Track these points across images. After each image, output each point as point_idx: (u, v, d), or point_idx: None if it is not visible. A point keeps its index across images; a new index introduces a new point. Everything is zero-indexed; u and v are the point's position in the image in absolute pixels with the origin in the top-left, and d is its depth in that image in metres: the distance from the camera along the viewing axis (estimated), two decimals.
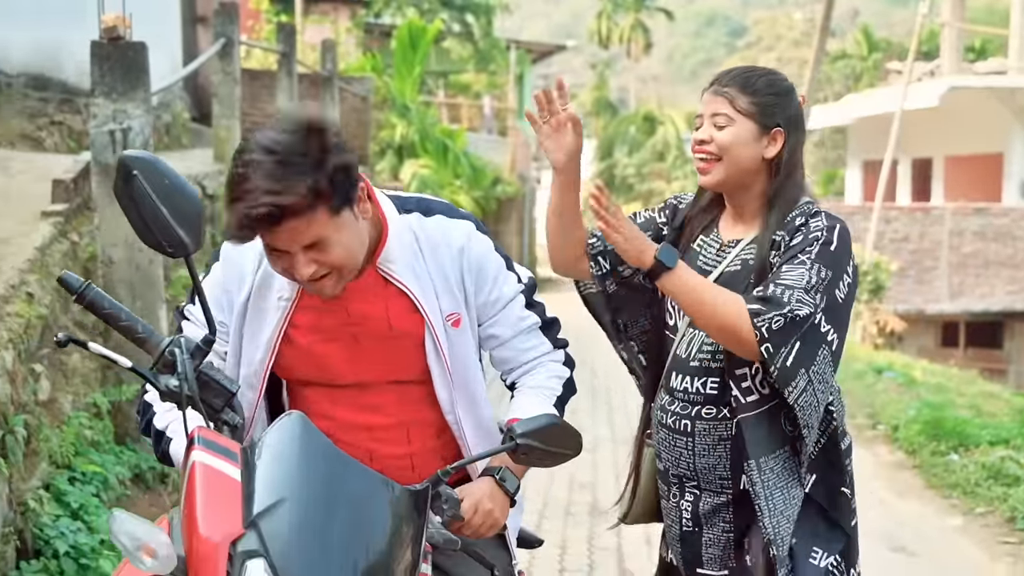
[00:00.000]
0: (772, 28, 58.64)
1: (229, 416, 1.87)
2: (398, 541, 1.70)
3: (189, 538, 1.62)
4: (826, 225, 2.35)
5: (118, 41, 4.84)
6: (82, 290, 1.87)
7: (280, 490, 1.63)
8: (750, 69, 2.49)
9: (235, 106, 7.72)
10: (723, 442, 2.45)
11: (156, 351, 1.85)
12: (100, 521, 3.77)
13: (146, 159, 1.80)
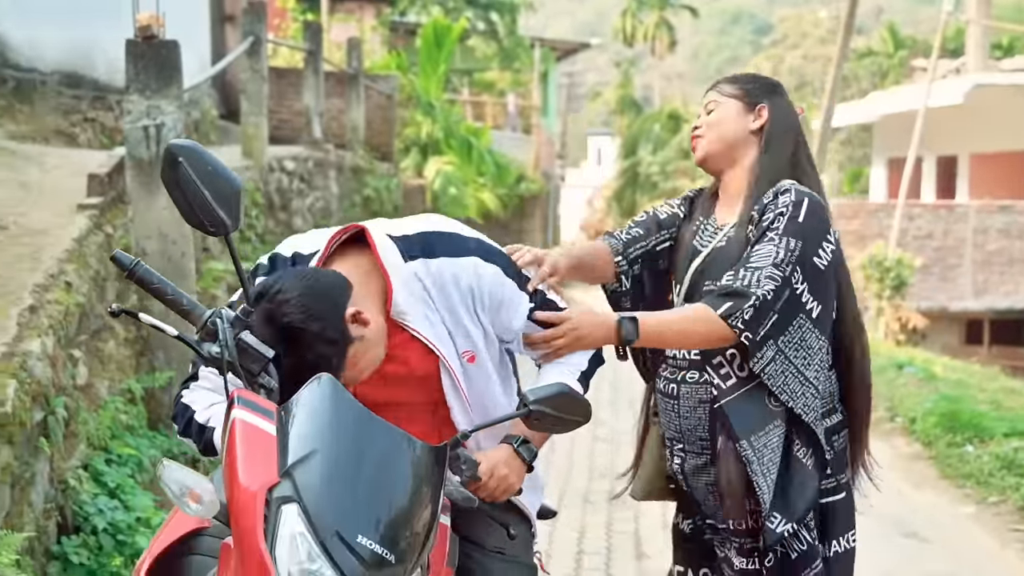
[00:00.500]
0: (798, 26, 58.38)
1: (265, 380, 2.03)
2: (418, 493, 1.85)
3: (230, 486, 1.78)
4: (793, 200, 2.51)
5: (152, 40, 5.00)
6: (132, 267, 2.05)
7: (312, 443, 1.79)
8: (740, 74, 2.80)
9: (263, 104, 7.88)
10: (703, 404, 2.64)
11: (199, 322, 2.03)
12: (135, 500, 3.93)
13: (190, 147, 1.99)
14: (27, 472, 3.39)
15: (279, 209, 8.29)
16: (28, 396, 3.44)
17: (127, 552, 3.67)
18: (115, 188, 5.58)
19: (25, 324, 3.73)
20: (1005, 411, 8.69)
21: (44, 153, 6.76)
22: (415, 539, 1.83)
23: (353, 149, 11.54)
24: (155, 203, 4.99)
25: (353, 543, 1.72)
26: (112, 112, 8.58)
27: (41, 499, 3.50)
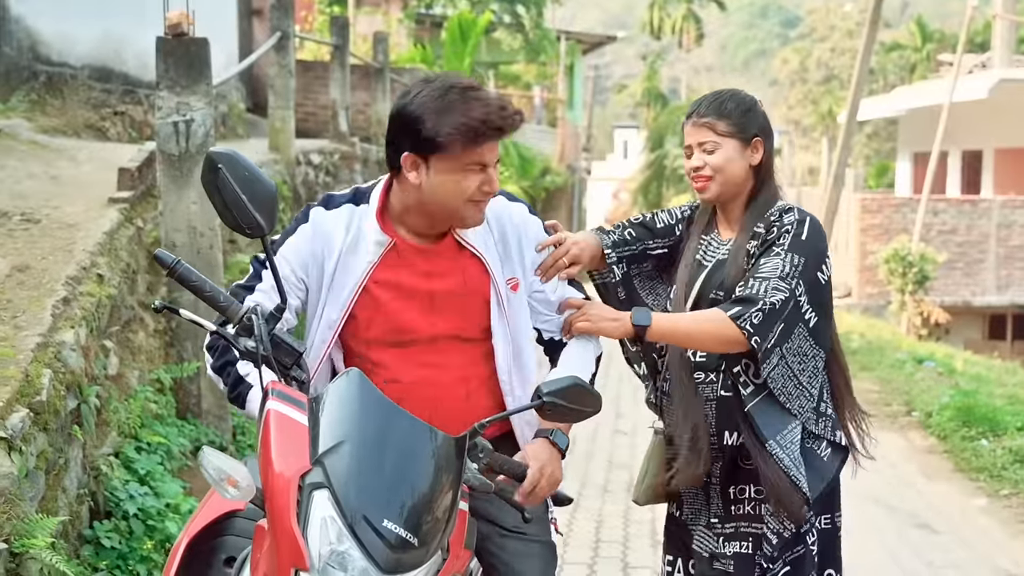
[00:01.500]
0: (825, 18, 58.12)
1: (297, 373, 2.18)
2: (439, 480, 1.98)
3: (265, 473, 1.92)
4: (796, 219, 2.71)
5: (182, 37, 5.11)
6: (173, 265, 2.20)
7: (341, 433, 1.93)
8: (717, 95, 2.85)
9: (290, 98, 7.99)
10: (708, 403, 2.78)
11: (236, 317, 2.17)
12: (165, 487, 4.05)
13: (229, 154, 2.13)
14: (61, 459, 3.51)
15: (305, 202, 8.39)
16: (62, 385, 3.55)
17: (157, 537, 3.78)
18: (145, 182, 5.70)
19: (59, 315, 3.85)
20: (1022, 406, 8.76)
21: (75, 147, 6.89)
22: (436, 523, 1.95)
23: (378, 142, 11.64)
24: (185, 197, 5.10)
25: (379, 527, 1.85)
26: (141, 106, 8.70)
27: (74, 485, 3.61)
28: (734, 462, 2.79)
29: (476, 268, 2.47)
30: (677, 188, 36.74)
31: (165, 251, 2.23)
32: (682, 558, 2.96)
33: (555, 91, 26.53)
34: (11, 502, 2.99)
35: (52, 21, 7.76)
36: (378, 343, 2.46)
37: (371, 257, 2.42)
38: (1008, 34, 21.24)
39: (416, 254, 2.44)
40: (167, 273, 2.21)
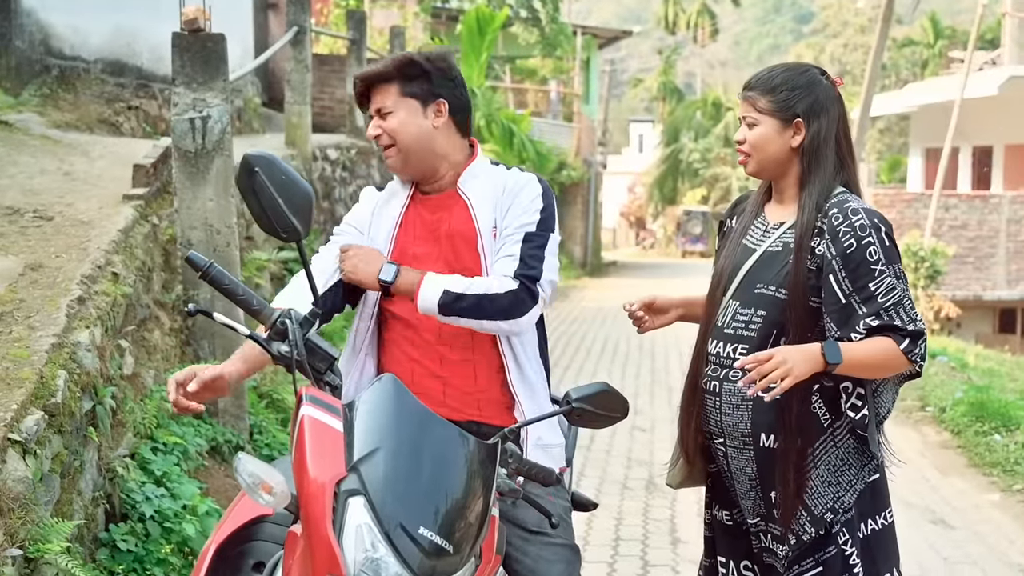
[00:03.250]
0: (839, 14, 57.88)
1: (331, 378, 2.16)
2: (473, 486, 1.96)
3: (300, 479, 1.90)
4: (871, 224, 2.59)
5: (198, 33, 5.05)
6: (206, 268, 2.17)
7: (376, 440, 1.91)
8: (772, 69, 2.77)
9: (307, 92, 7.93)
10: (745, 403, 2.69)
11: (268, 321, 2.15)
12: (182, 488, 3.99)
13: (266, 157, 2.10)
14: (76, 461, 3.45)
15: (322, 198, 8.34)
16: (77, 387, 3.50)
17: (174, 539, 3.73)
18: (160, 179, 5.65)
19: (74, 315, 3.79)
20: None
21: (89, 142, 6.84)
22: (470, 529, 1.94)
23: None
24: (201, 194, 5.04)
25: (415, 534, 1.84)
26: (155, 100, 8.66)
27: (90, 487, 3.56)
28: (770, 464, 2.68)
29: (463, 214, 2.62)
30: (692, 182, 36.70)
31: (197, 253, 2.20)
32: (734, 560, 2.88)
33: (571, 86, 26.41)
34: (26, 507, 2.94)
35: (64, 15, 7.72)
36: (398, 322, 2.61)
37: (397, 208, 2.67)
38: (1018, 31, 21.18)
39: (425, 207, 2.67)
40: (200, 276, 2.18)
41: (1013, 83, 17.32)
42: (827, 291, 2.60)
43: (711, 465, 2.88)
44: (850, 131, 2.79)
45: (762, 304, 2.68)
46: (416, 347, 2.59)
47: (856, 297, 2.57)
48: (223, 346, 5.13)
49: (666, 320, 2.98)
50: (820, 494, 2.66)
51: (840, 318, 2.58)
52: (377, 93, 2.61)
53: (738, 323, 2.71)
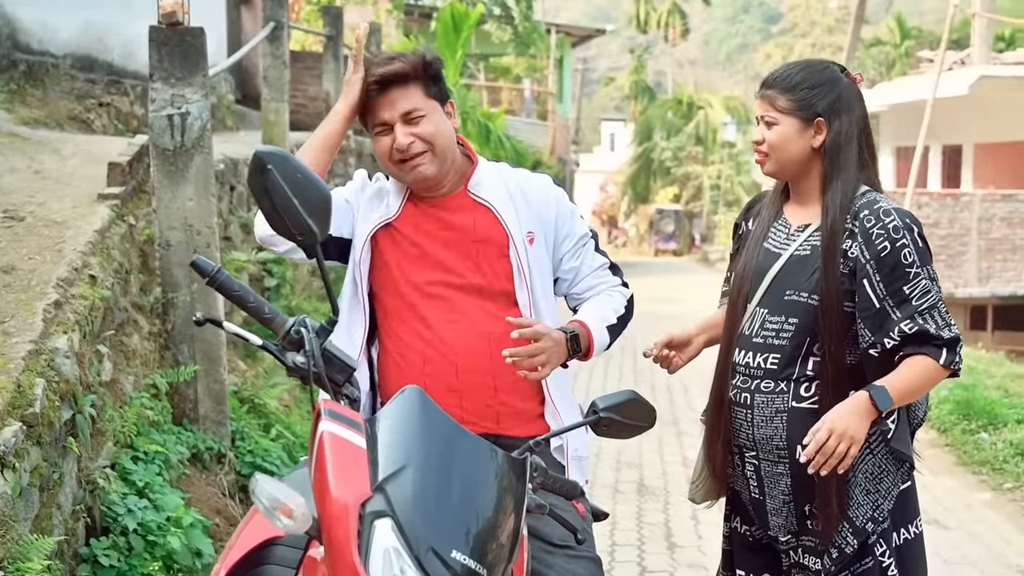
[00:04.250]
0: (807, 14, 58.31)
1: (349, 390, 2.03)
2: (504, 505, 1.83)
3: (321, 500, 1.75)
4: (903, 225, 2.50)
5: (177, 26, 4.88)
6: (214, 274, 2.03)
7: (402, 457, 1.77)
8: (790, 67, 2.66)
9: (284, 90, 7.77)
10: (780, 414, 2.59)
11: (281, 330, 2.01)
12: (165, 499, 3.83)
13: (278, 154, 1.95)
14: (55, 473, 3.29)
15: None
16: (56, 395, 3.34)
17: (158, 553, 3.57)
18: (136, 177, 5.47)
19: (51, 320, 3.63)
20: (1015, 398, 8.79)
21: (59, 139, 6.63)
22: (502, 550, 1.82)
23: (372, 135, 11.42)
24: (180, 194, 4.88)
25: (447, 558, 1.71)
26: (127, 97, 8.44)
27: (70, 500, 3.40)
28: (806, 476, 2.55)
29: (488, 218, 2.51)
30: (664, 180, 36.70)
31: (204, 258, 2.06)
32: (754, 574, 2.78)
33: (545, 84, 26.31)
34: (4, 524, 2.79)
35: (32, 9, 7.50)
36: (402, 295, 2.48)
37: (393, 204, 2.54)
38: (987, 31, 21.31)
39: (430, 206, 2.53)
40: (207, 282, 2.04)
41: (983, 82, 17.45)
42: (861, 295, 2.49)
43: (730, 481, 2.77)
44: (871, 129, 2.68)
45: (793, 311, 2.57)
46: (428, 360, 2.45)
47: (890, 301, 2.46)
48: (203, 350, 4.97)
49: (693, 351, 2.84)
50: (860, 503, 2.57)
51: (874, 323, 2.47)
52: (398, 96, 2.44)
53: (768, 331, 2.60)
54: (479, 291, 2.48)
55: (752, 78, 63.87)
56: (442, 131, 2.47)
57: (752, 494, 2.70)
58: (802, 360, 2.56)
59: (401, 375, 2.47)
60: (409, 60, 2.46)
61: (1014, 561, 5.14)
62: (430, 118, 2.45)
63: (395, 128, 2.44)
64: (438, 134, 2.45)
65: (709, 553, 4.87)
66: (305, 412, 6.36)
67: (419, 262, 2.49)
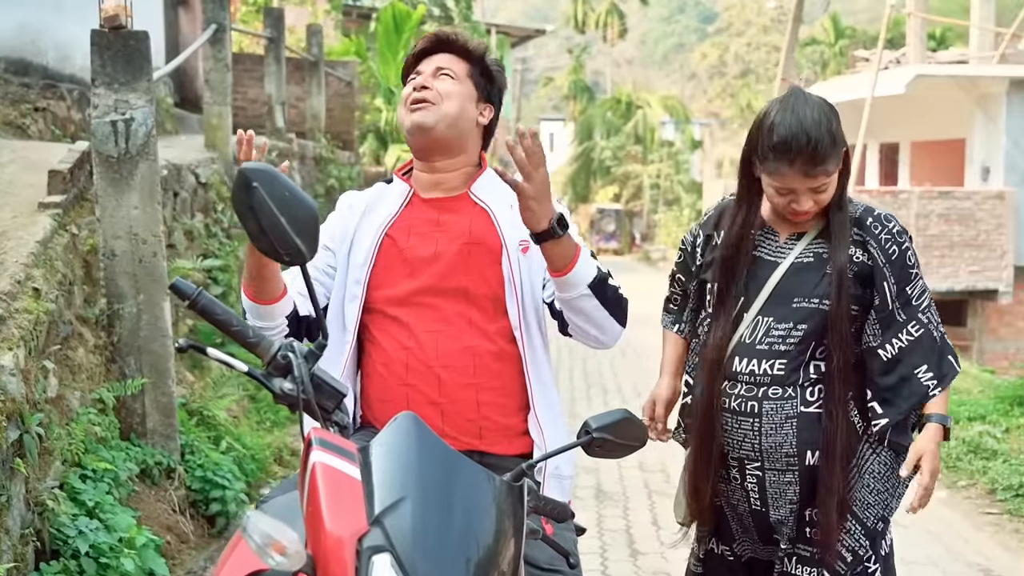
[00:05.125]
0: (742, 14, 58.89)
1: (339, 417, 1.94)
2: (505, 536, 1.76)
3: (315, 535, 1.67)
4: (902, 229, 2.63)
5: (120, 30, 4.75)
6: (195, 296, 1.92)
7: (400, 488, 1.69)
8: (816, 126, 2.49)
9: (227, 93, 7.61)
10: (789, 420, 2.58)
11: (267, 355, 1.91)
12: (116, 519, 3.72)
13: (265, 171, 1.84)
14: (3, 496, 3.17)
15: None
16: (2, 415, 3.22)
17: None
18: (77, 185, 5.32)
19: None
20: (962, 394, 8.88)
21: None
22: None
23: (315, 138, 11.26)
24: (125, 202, 4.75)
25: None
26: (64, 101, 8.22)
27: (18, 524, 3.28)
28: (814, 483, 2.58)
29: (483, 220, 2.48)
30: (604, 180, 36.84)
31: (184, 281, 1.94)
32: None
33: None
34: None
35: None
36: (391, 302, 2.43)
37: (391, 209, 2.52)
38: (921, 31, 21.68)
39: (429, 206, 2.52)
40: (188, 305, 1.93)
41: (919, 81, 17.73)
42: (880, 298, 2.57)
43: (716, 499, 2.74)
44: None
45: (800, 317, 2.58)
46: (411, 370, 2.38)
47: (898, 302, 2.56)
48: (150, 362, 4.85)
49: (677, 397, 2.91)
50: (870, 504, 2.60)
51: (884, 324, 2.57)
52: (442, 58, 2.53)
53: (773, 338, 2.60)
54: (466, 296, 2.42)
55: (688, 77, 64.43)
56: (462, 104, 2.50)
57: (753, 506, 2.67)
58: (806, 365, 2.59)
59: (383, 384, 2.41)
60: (472, 41, 2.57)
61: (973, 559, 5.18)
62: (457, 84, 2.50)
63: (423, 75, 2.50)
64: (454, 98, 2.48)
65: (672, 559, 4.84)
66: (254, 423, 6.24)
67: (408, 265, 2.45)
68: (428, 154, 2.52)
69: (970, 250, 18.05)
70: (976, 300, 18.72)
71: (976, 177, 19.00)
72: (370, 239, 2.49)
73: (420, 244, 2.46)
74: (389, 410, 2.28)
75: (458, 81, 2.51)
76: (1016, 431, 7.40)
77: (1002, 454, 6.81)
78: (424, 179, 2.55)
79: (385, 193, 2.59)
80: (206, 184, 6.91)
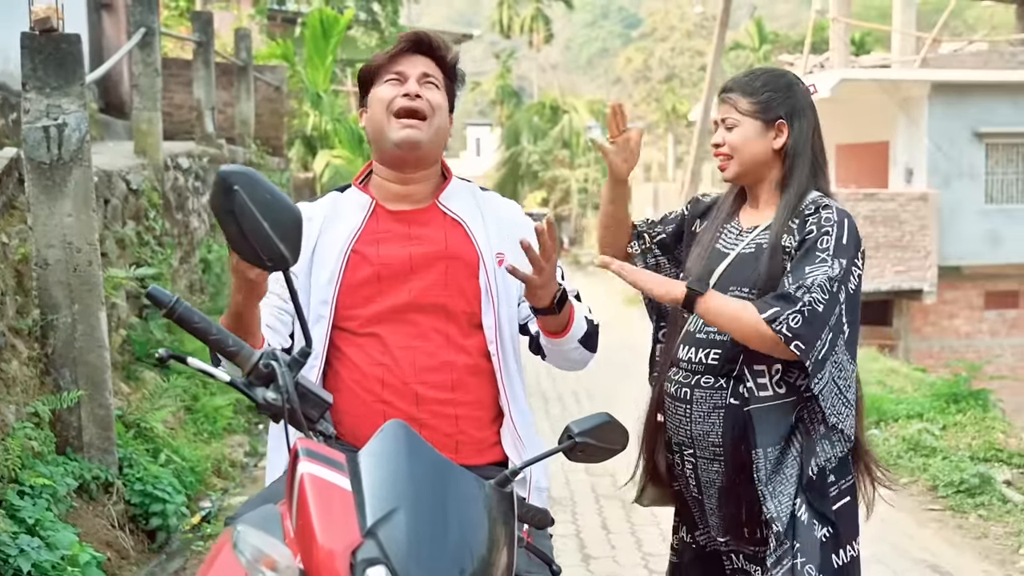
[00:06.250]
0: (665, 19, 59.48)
1: (324, 427, 1.90)
2: (498, 543, 1.72)
3: (307, 549, 1.61)
4: (836, 220, 2.51)
5: (51, 33, 4.62)
6: (172, 304, 1.85)
7: (392, 498, 1.64)
8: (751, 72, 2.72)
9: (157, 98, 7.46)
10: (717, 410, 2.58)
11: (248, 364, 1.86)
12: (57, 536, 3.61)
13: (246, 173, 1.79)
14: None
15: (176, 209, 7.86)
16: None
17: None
18: (6, 192, 5.17)
19: None
20: (899, 393, 9.02)
21: None
22: None
23: (245, 144, 11.10)
24: (58, 209, 4.62)
25: None
26: None
27: None
28: (748, 477, 2.55)
29: (459, 234, 2.42)
30: (532, 184, 36.92)
31: (160, 288, 1.86)
32: None
33: None
34: None
35: None
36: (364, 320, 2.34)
37: (354, 222, 2.40)
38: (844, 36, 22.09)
39: (396, 220, 2.42)
40: (164, 314, 1.86)
41: (844, 85, 18.03)
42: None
43: (675, 484, 2.76)
44: (823, 142, 2.72)
45: None
46: (387, 386, 2.31)
47: (790, 276, 2.47)
48: (86, 374, 4.72)
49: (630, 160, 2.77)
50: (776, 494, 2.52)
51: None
52: (423, 62, 2.42)
53: (711, 327, 2.59)
54: (444, 311, 2.36)
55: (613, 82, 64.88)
56: (444, 118, 2.43)
57: (692, 493, 2.69)
58: (742, 357, 2.55)
59: (356, 400, 2.32)
60: (451, 51, 2.47)
61: (919, 555, 5.25)
62: (440, 94, 2.42)
63: (409, 80, 2.37)
64: (443, 111, 2.41)
65: (624, 563, 4.85)
66: (191, 434, 6.12)
67: (380, 281, 2.35)
68: (409, 168, 2.42)
69: (895, 251, 18.36)
70: (901, 300, 19.05)
71: (900, 179, 19.35)
72: (334, 256, 2.36)
73: (392, 259, 2.36)
74: (364, 426, 2.23)
75: (441, 91, 2.43)
76: (953, 428, 7.54)
77: (941, 451, 6.91)
78: (390, 189, 2.44)
79: (341, 204, 2.46)
80: (137, 191, 6.76)
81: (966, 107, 18.53)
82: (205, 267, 8.42)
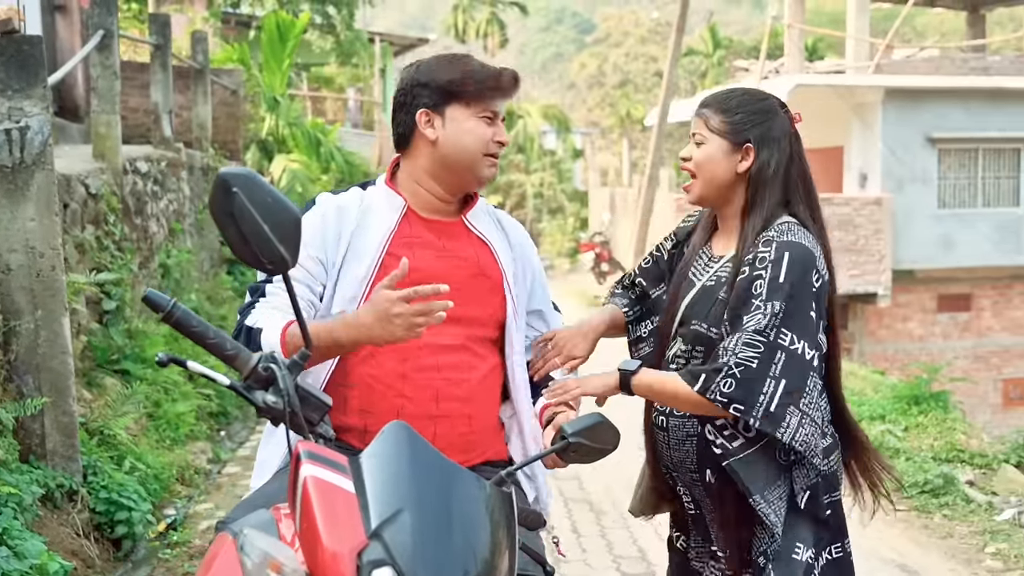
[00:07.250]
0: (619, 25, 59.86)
1: (323, 429, 1.89)
2: (500, 543, 1.72)
3: (312, 551, 1.61)
4: (772, 258, 2.39)
5: (12, 34, 4.55)
6: (169, 309, 1.84)
7: (396, 500, 1.64)
8: (730, 90, 2.62)
9: (115, 101, 7.36)
10: (690, 438, 2.57)
11: (246, 367, 1.84)
12: (25, 545, 3.55)
13: (246, 175, 1.78)
14: None
15: (135, 214, 7.76)
16: None
17: None
18: None
19: None
20: (859, 395, 9.09)
21: None
22: None
23: (202, 148, 10.99)
24: (20, 214, 4.55)
25: None
26: None
27: None
28: (721, 499, 2.55)
29: (486, 253, 2.48)
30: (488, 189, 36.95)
31: (157, 292, 1.85)
32: None
33: (370, 94, 26.03)
34: None
35: None
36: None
37: (388, 223, 2.39)
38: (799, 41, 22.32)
39: (427, 227, 2.43)
40: (162, 318, 1.85)
41: (799, 91, 18.18)
42: None
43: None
44: (808, 171, 2.62)
45: (700, 341, 2.53)
46: (408, 381, 2.31)
47: (727, 325, 2.42)
48: (50, 380, 4.64)
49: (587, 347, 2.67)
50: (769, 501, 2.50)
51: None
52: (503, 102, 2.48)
53: (680, 360, 2.58)
54: (468, 322, 2.40)
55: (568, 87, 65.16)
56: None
57: (689, 510, 2.69)
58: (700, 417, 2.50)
59: (370, 396, 2.31)
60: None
61: (887, 555, 5.32)
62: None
63: (498, 122, 2.43)
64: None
65: (596, 566, 4.86)
66: (155, 441, 6.04)
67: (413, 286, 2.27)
68: (464, 194, 2.51)
69: (850, 255, 18.53)
70: (856, 303, 19.24)
71: (855, 183, 19.53)
72: (370, 254, 2.35)
73: (428, 268, 2.34)
74: (376, 422, 2.23)
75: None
76: (915, 429, 7.64)
77: (905, 452, 7.00)
78: (428, 200, 2.45)
79: (370, 201, 2.44)
80: (96, 195, 6.66)
81: (919, 113, 18.76)
82: (164, 272, 8.32)
